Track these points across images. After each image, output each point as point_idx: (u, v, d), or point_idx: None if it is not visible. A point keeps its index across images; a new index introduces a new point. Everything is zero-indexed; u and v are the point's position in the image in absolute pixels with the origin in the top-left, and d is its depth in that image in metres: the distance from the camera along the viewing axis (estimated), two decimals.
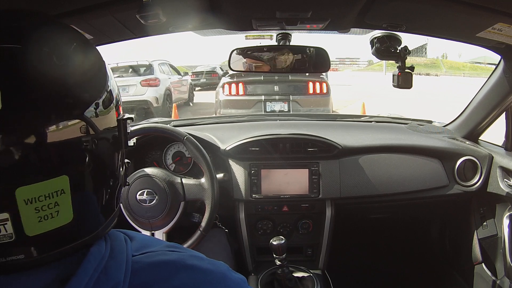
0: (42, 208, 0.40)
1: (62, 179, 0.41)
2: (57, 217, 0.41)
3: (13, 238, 0.39)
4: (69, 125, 0.41)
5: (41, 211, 0.40)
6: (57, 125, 0.40)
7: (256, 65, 1.30)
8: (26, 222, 0.39)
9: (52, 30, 0.45)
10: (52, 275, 0.41)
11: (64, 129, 0.40)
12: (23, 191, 0.38)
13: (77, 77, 0.43)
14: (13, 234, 0.39)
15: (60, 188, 0.41)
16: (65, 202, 0.41)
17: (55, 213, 0.41)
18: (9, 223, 0.38)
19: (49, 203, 0.40)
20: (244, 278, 0.53)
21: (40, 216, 0.40)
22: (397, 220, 1.96)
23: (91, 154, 0.43)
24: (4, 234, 0.38)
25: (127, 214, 1.32)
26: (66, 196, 0.41)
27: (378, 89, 15.80)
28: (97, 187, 0.46)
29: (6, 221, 0.38)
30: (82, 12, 0.89)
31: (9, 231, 0.39)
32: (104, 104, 0.45)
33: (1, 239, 0.39)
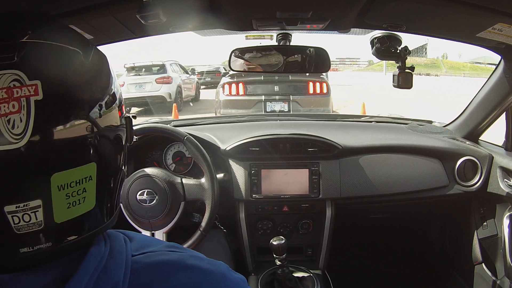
0: (72, 194, 0.42)
1: (91, 166, 0.43)
2: (83, 204, 0.43)
3: (42, 226, 0.40)
4: (99, 116, 0.44)
5: (71, 197, 0.42)
6: (88, 116, 0.43)
7: (256, 65, 1.30)
8: (57, 209, 0.41)
9: (75, 31, 0.47)
10: (52, 274, 0.41)
11: (94, 121, 0.43)
12: (58, 177, 0.40)
13: (98, 71, 0.46)
14: (42, 221, 0.40)
15: (89, 175, 0.43)
16: (91, 189, 0.44)
17: (82, 199, 0.43)
18: (40, 210, 0.40)
19: (79, 189, 0.42)
20: (244, 278, 0.53)
21: (70, 202, 0.42)
22: (397, 220, 1.96)
23: (105, 147, 0.46)
24: (33, 222, 0.40)
25: (127, 214, 1.32)
26: (92, 183, 0.44)
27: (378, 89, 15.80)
28: (110, 179, 0.48)
29: (38, 208, 0.40)
30: (82, 12, 0.89)
31: (39, 218, 0.40)
32: (107, 104, 0.46)
33: (31, 227, 0.40)
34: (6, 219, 0.39)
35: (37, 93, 0.38)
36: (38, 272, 0.41)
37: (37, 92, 0.38)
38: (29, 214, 0.39)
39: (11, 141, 0.38)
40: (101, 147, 0.45)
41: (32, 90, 0.38)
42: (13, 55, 0.38)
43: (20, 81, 0.38)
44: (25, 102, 0.38)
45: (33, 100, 0.38)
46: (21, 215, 0.39)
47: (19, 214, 0.39)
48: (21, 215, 0.39)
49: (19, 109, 0.38)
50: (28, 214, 0.39)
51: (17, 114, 0.38)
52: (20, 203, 0.39)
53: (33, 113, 0.38)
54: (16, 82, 0.38)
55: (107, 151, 0.46)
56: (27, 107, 0.38)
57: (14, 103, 0.38)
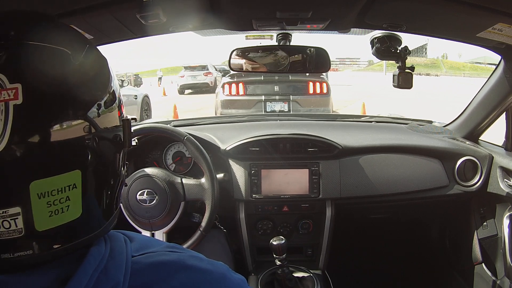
0: (54, 203, 0.40)
1: (75, 173, 0.41)
2: (67, 212, 0.41)
3: (23, 233, 0.39)
4: (80, 122, 0.41)
5: (53, 206, 0.40)
6: (71, 121, 0.41)
7: (256, 65, 1.30)
8: (37, 217, 0.39)
9: (67, 31, 0.46)
10: (52, 275, 0.41)
11: (77, 126, 0.41)
12: (37, 185, 0.39)
13: (88, 75, 0.44)
14: (23, 229, 0.39)
15: (72, 183, 0.41)
16: (76, 197, 0.42)
17: (65, 207, 0.41)
18: (20, 218, 0.39)
19: (61, 198, 0.40)
20: (244, 279, 0.53)
21: (51, 210, 0.40)
22: (397, 220, 1.96)
23: (98, 151, 0.44)
24: (14, 229, 0.39)
25: (127, 214, 1.32)
26: (77, 191, 0.42)
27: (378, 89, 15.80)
28: (103, 185, 0.47)
29: (17, 216, 0.38)
30: (82, 12, 0.89)
31: (19, 226, 0.39)
32: (107, 104, 0.46)
33: (11, 234, 0.39)
34: None
35: (16, 97, 0.37)
36: (38, 272, 0.41)
37: (17, 96, 0.37)
38: (9, 221, 0.38)
39: None
40: (93, 156, 0.43)
41: (12, 94, 0.37)
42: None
43: (1, 85, 0.37)
44: (3, 106, 0.37)
45: (11, 104, 0.37)
46: (0, 221, 0.38)
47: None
48: (1, 222, 0.38)
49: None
50: (7, 221, 0.38)
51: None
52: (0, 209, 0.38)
53: (11, 118, 0.37)
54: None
55: (100, 159, 0.45)
56: (5, 112, 0.37)
57: None
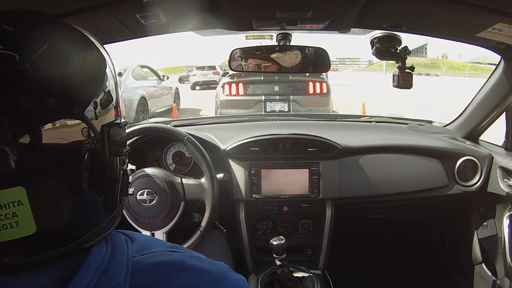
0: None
1: (17, 190, 0.38)
2: (17, 228, 0.39)
3: None
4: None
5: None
6: (10, 133, 0.37)
7: (256, 65, 1.30)
8: None
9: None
10: (53, 275, 0.41)
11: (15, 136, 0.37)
12: None
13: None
14: None
15: (16, 199, 0.38)
16: (24, 214, 0.39)
17: (14, 223, 0.38)
18: None
19: (6, 213, 0.38)
20: (244, 279, 0.53)
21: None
22: (397, 220, 1.96)
23: (48, 163, 0.40)
24: None
25: (127, 214, 1.32)
26: (24, 208, 0.38)
27: (378, 89, 15.80)
28: (68, 195, 0.43)
29: None
30: (82, 12, 0.89)
31: None
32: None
33: None
34: None
35: None
36: (38, 273, 0.41)
37: None
38: None
39: None
40: (30, 167, 0.39)
41: None
42: None
43: None
44: None
45: None
46: None
47: None
48: None
49: None
50: None
51: None
52: None
53: None
54: None
55: (41, 172, 0.40)
56: None
57: None
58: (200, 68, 16.79)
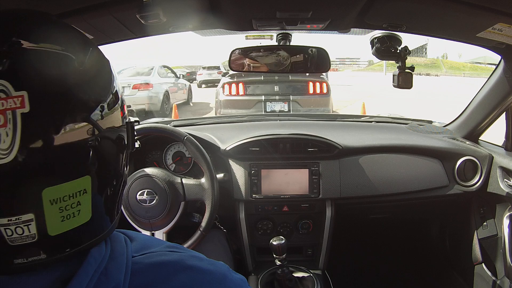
0: (65, 208, 0.40)
1: (85, 179, 0.42)
2: (78, 216, 0.42)
3: (36, 239, 0.39)
4: (82, 126, 0.41)
5: (65, 211, 0.40)
6: (79, 125, 0.40)
7: (256, 65, 1.30)
8: (50, 222, 0.40)
9: (69, 33, 0.45)
10: (53, 276, 0.41)
11: (81, 129, 0.41)
12: (50, 191, 0.39)
13: (92, 78, 0.43)
14: (36, 234, 0.39)
15: (83, 188, 0.42)
16: (86, 202, 0.42)
17: (76, 212, 0.42)
18: (33, 224, 0.39)
19: (72, 203, 0.41)
20: (244, 279, 0.53)
21: (63, 215, 0.40)
22: (397, 220, 1.96)
23: (103, 153, 0.44)
24: (27, 235, 0.39)
25: (127, 214, 1.32)
26: (87, 196, 0.42)
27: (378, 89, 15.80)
28: (108, 187, 0.47)
29: (30, 222, 0.39)
30: (82, 12, 0.89)
31: (32, 231, 0.39)
32: (109, 105, 0.45)
33: (24, 240, 0.39)
34: None
35: (23, 105, 0.36)
36: (38, 273, 0.41)
37: (23, 104, 0.36)
38: (22, 227, 0.38)
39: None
40: (98, 159, 0.43)
41: (18, 102, 0.36)
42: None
43: (6, 92, 0.36)
44: (11, 115, 0.36)
45: (19, 113, 0.36)
46: (13, 228, 0.38)
47: (11, 227, 0.38)
48: (14, 228, 0.38)
49: (5, 123, 0.36)
50: (20, 227, 0.38)
51: (3, 128, 0.36)
52: (12, 216, 0.38)
53: (20, 127, 0.36)
54: (1, 93, 0.36)
55: (105, 161, 0.45)
56: (13, 121, 0.36)
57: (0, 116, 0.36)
58: (206, 68, 18.33)
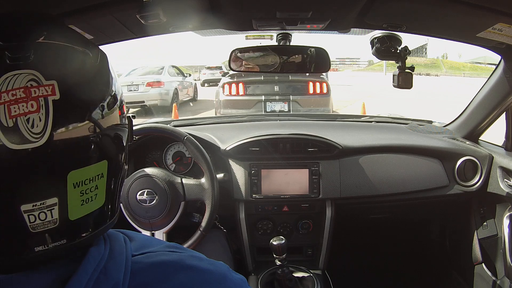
0: (86, 192, 0.43)
1: (104, 163, 0.45)
2: (95, 200, 0.44)
3: (57, 224, 0.41)
4: (109, 113, 0.45)
5: (85, 194, 0.43)
6: (102, 114, 0.44)
7: (256, 65, 1.30)
8: (72, 206, 0.42)
9: (69, 34, 0.46)
10: (52, 275, 0.41)
11: (107, 117, 0.45)
12: (74, 174, 0.41)
13: (101, 73, 0.46)
14: (57, 219, 0.41)
15: (101, 172, 0.45)
16: (102, 186, 0.45)
17: (94, 196, 0.44)
18: (56, 208, 0.40)
19: (92, 187, 0.43)
20: (244, 279, 0.53)
21: (83, 199, 0.43)
22: (397, 220, 1.96)
23: (116, 143, 0.47)
24: (49, 220, 0.40)
25: (127, 214, 1.32)
26: (103, 180, 0.45)
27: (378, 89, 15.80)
28: (117, 177, 0.49)
29: (54, 206, 0.40)
30: (82, 12, 0.89)
31: (55, 216, 0.41)
32: (109, 105, 0.46)
33: (46, 226, 0.40)
34: (22, 218, 0.39)
35: (54, 93, 0.39)
36: (38, 272, 0.41)
37: (54, 92, 0.39)
38: (45, 212, 0.40)
39: (31, 140, 0.38)
40: (109, 145, 0.46)
41: (49, 90, 0.39)
42: (29, 55, 0.39)
43: (37, 81, 0.39)
44: (43, 101, 0.39)
45: (51, 99, 0.39)
46: (37, 213, 0.39)
47: (35, 212, 0.39)
48: (37, 214, 0.40)
49: (38, 109, 0.39)
50: (44, 212, 0.40)
51: (36, 114, 0.39)
52: (37, 201, 0.39)
53: (51, 112, 0.39)
54: (33, 82, 0.39)
55: (114, 149, 0.48)
56: (45, 107, 0.39)
57: (33, 102, 0.38)
58: (209, 68, 19.56)
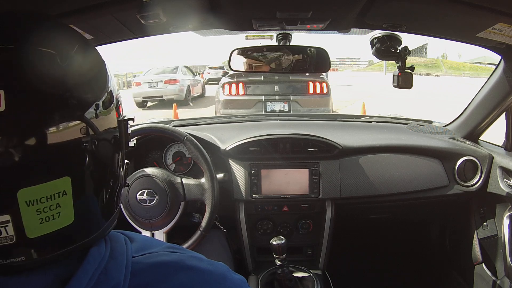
0: (43, 210, 0.39)
1: (64, 180, 0.40)
2: (59, 219, 0.41)
3: (14, 240, 0.38)
4: (70, 126, 0.40)
5: (43, 213, 0.39)
6: (58, 126, 0.39)
7: (256, 65, 1.30)
8: (27, 224, 0.39)
9: (54, 31, 0.45)
10: (52, 276, 0.41)
11: (65, 130, 0.40)
12: (25, 192, 0.38)
13: (78, 78, 0.42)
14: (14, 236, 0.38)
15: (62, 190, 0.40)
16: (66, 204, 0.41)
17: (56, 214, 0.40)
18: (10, 225, 0.38)
19: (51, 205, 0.40)
20: (244, 279, 0.52)
21: (42, 218, 0.39)
22: (397, 220, 1.96)
23: (92, 155, 0.43)
24: (5, 236, 0.38)
25: (127, 214, 1.32)
26: (68, 198, 0.41)
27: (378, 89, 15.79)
28: (98, 188, 0.46)
29: (7, 223, 0.38)
30: (82, 12, 0.89)
31: (10, 233, 0.38)
32: (104, 105, 0.45)
33: (2, 241, 0.38)
34: None
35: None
36: (38, 273, 0.41)
37: None
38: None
39: None
40: (83, 157, 0.42)
41: None
42: None
43: None
44: None
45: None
46: None
47: None
48: None
49: None
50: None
51: None
52: None
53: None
54: None
55: (92, 160, 0.43)
56: None
57: None
58: (212, 68, 21.00)
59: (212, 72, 20.17)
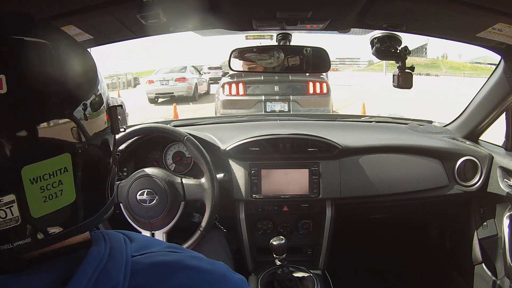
0: (47, 187, 0.41)
1: (65, 156, 0.42)
2: (61, 197, 0.42)
3: (19, 222, 0.39)
4: (57, 115, 0.42)
5: (46, 191, 0.41)
6: (59, 110, 0.42)
7: (256, 65, 1.30)
8: (32, 203, 0.40)
9: (45, 28, 0.46)
10: (52, 275, 0.41)
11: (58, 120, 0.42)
12: (29, 169, 0.39)
13: (73, 63, 0.45)
14: (19, 217, 0.39)
15: (63, 166, 0.42)
16: (68, 181, 0.42)
17: (59, 192, 0.42)
18: (15, 205, 0.39)
19: (53, 182, 0.41)
20: (244, 279, 0.52)
21: (45, 195, 0.41)
22: (397, 220, 1.96)
23: (84, 132, 0.45)
24: (10, 218, 0.39)
25: (127, 214, 1.32)
26: (69, 175, 0.42)
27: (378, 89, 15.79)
28: (94, 171, 0.47)
29: (12, 203, 0.39)
30: (82, 12, 0.89)
31: (15, 214, 0.39)
32: (93, 106, 0.46)
33: (8, 224, 0.39)
34: None
35: (1, 87, 0.38)
36: (38, 272, 0.41)
37: (1, 86, 0.38)
38: (4, 210, 0.39)
39: None
40: (68, 136, 0.43)
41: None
42: None
43: None
44: None
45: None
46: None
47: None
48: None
49: None
50: (3, 210, 0.39)
51: None
52: None
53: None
54: None
55: (87, 141, 0.45)
56: None
57: None
58: (213, 68, 21.95)
59: (213, 71, 21.03)
